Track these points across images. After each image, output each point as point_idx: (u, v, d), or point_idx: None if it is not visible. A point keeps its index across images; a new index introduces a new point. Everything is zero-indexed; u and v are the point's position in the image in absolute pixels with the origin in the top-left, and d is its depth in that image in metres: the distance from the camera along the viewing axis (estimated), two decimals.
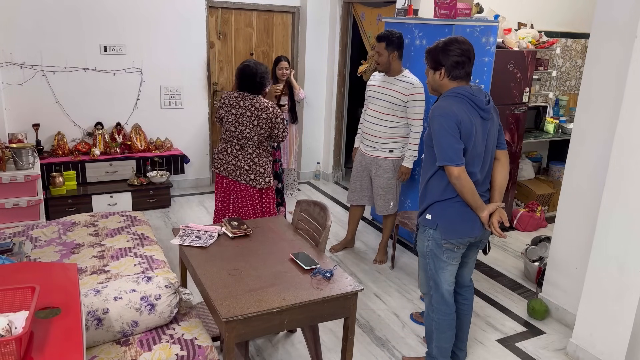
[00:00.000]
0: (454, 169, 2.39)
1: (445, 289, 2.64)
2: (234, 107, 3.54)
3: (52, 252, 3.08)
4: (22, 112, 4.89)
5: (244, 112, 3.50)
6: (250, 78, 3.51)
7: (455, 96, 2.44)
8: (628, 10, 2.86)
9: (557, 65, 5.63)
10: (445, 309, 2.67)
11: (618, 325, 2.79)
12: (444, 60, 2.46)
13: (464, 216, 2.52)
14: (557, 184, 5.25)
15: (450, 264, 2.60)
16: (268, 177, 3.66)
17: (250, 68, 3.52)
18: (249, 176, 3.60)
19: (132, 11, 5.13)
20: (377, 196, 4.02)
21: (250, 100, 3.51)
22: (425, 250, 2.63)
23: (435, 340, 2.74)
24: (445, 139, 2.39)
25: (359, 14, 5.78)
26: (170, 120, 5.57)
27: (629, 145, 2.68)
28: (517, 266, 4.25)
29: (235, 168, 3.60)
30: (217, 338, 2.77)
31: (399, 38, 3.69)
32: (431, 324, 2.74)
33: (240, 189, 3.65)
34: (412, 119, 3.73)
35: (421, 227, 2.65)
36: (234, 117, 3.54)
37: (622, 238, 2.73)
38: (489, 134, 2.51)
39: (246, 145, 3.56)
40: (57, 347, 1.52)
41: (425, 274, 2.70)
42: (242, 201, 3.67)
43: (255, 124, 3.50)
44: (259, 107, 3.49)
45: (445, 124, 2.38)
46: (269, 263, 2.48)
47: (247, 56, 5.91)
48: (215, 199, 3.79)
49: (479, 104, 2.44)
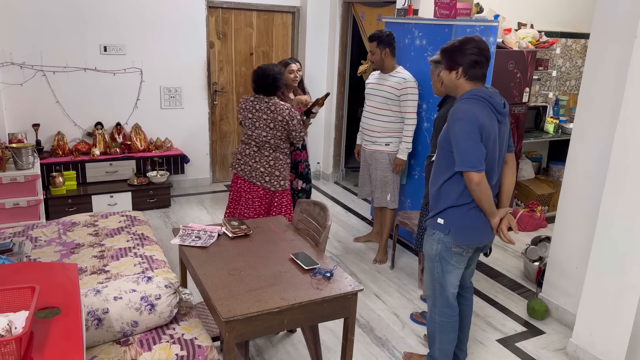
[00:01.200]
0: (475, 175, 2.29)
1: (450, 292, 2.62)
2: (250, 111, 3.60)
3: (52, 252, 3.08)
4: (22, 112, 4.89)
5: (261, 116, 3.55)
6: (263, 79, 3.57)
7: (475, 99, 2.35)
8: (628, 10, 2.86)
9: (557, 65, 5.63)
10: (449, 312, 2.65)
11: (618, 325, 2.79)
12: (461, 59, 2.38)
13: (477, 222, 2.46)
14: (557, 184, 5.25)
15: (458, 268, 2.57)
16: (283, 180, 3.69)
17: (263, 70, 3.59)
18: (264, 178, 3.65)
19: (133, 11, 5.13)
20: (375, 189, 4.17)
21: (266, 103, 3.55)
22: (433, 254, 2.58)
23: (438, 342, 2.72)
24: (467, 144, 2.29)
25: (359, 14, 5.78)
26: (170, 120, 5.57)
27: (629, 145, 2.68)
28: (517, 266, 4.26)
29: (251, 169, 3.67)
30: (217, 338, 2.76)
31: (389, 36, 3.86)
32: (434, 326, 2.72)
33: (253, 189, 3.70)
34: (405, 112, 3.88)
35: (429, 230, 2.60)
36: (251, 121, 3.59)
37: (622, 238, 2.73)
38: (503, 136, 2.46)
39: (263, 148, 3.62)
40: (57, 347, 1.52)
41: (430, 277, 2.66)
42: (252, 202, 3.72)
43: (272, 126, 3.54)
44: (274, 110, 3.53)
45: (468, 128, 2.29)
46: (269, 263, 2.48)
47: (247, 56, 5.92)
48: (228, 197, 3.86)
49: (497, 108, 2.37)
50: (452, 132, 2.36)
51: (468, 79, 2.40)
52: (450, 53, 2.44)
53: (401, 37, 4.22)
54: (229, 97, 5.95)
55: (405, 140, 3.93)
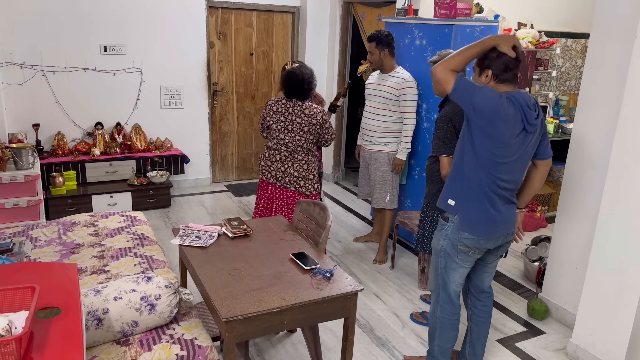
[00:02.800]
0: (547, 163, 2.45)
1: (453, 289, 2.62)
2: (282, 115, 3.51)
3: (52, 252, 3.07)
4: (22, 112, 4.89)
5: (294, 119, 3.48)
6: (298, 84, 3.47)
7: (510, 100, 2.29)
8: (628, 10, 2.86)
9: (557, 65, 5.62)
10: (451, 309, 2.65)
11: (618, 325, 2.79)
12: (492, 62, 2.34)
13: (487, 214, 2.43)
14: (557, 184, 5.25)
15: (462, 267, 2.56)
16: (316, 183, 3.66)
17: (297, 75, 3.47)
18: (299, 183, 3.58)
19: (133, 11, 5.13)
20: (374, 189, 4.15)
21: (299, 107, 3.49)
22: (439, 249, 2.59)
23: (437, 338, 2.73)
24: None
25: (359, 14, 5.78)
26: (170, 120, 5.57)
27: (629, 145, 2.68)
28: (517, 266, 4.26)
29: (284, 175, 3.58)
30: (217, 338, 2.77)
31: (387, 36, 3.87)
32: (435, 322, 2.73)
33: (287, 195, 3.61)
34: (404, 112, 3.89)
35: (440, 225, 2.60)
36: (283, 124, 3.51)
37: (622, 238, 2.73)
38: (529, 144, 2.40)
39: (295, 152, 3.54)
40: (57, 347, 1.52)
41: (435, 271, 2.68)
42: (287, 208, 3.62)
43: (306, 130, 3.48)
44: (309, 114, 3.47)
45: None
46: (269, 263, 2.48)
47: (247, 56, 5.92)
48: (256, 202, 3.76)
49: (529, 119, 2.31)
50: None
51: (499, 81, 2.36)
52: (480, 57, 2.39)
53: (401, 37, 4.22)
54: (229, 97, 5.95)
55: (405, 140, 3.94)
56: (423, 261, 3.76)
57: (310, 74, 3.53)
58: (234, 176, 6.25)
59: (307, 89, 3.50)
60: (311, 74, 3.53)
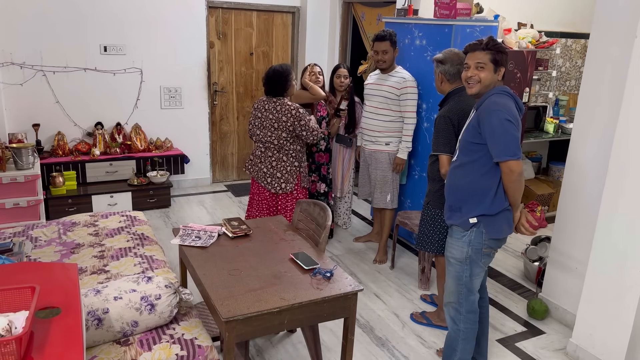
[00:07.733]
0: (517, 164, 2.34)
1: (475, 295, 2.62)
2: (260, 111, 3.61)
3: (52, 252, 3.08)
4: (22, 112, 4.89)
5: (267, 116, 3.55)
6: (270, 81, 3.55)
7: (508, 95, 2.44)
8: (628, 10, 2.86)
9: (557, 65, 5.63)
10: (474, 318, 2.64)
11: (618, 325, 2.79)
12: (505, 62, 2.49)
13: (506, 215, 2.50)
14: (557, 184, 5.25)
15: (483, 270, 2.59)
16: (285, 183, 3.63)
17: (272, 70, 3.56)
18: (266, 179, 3.65)
19: (133, 11, 5.13)
20: (375, 189, 4.15)
21: (273, 104, 3.55)
22: (463, 257, 2.54)
23: (460, 352, 2.67)
24: (510, 133, 2.34)
25: (359, 14, 5.79)
26: (170, 120, 5.57)
27: (629, 145, 2.67)
28: (517, 266, 4.26)
29: (258, 170, 3.69)
30: (217, 338, 2.77)
31: (395, 35, 3.91)
32: (458, 335, 2.67)
33: (261, 191, 3.72)
34: (405, 111, 3.90)
35: (458, 233, 2.55)
36: (259, 120, 3.60)
37: (622, 238, 2.73)
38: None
39: (268, 149, 3.61)
40: (57, 347, 1.52)
41: (456, 282, 2.60)
42: (260, 203, 3.74)
43: (276, 126, 3.52)
44: (280, 110, 3.51)
45: (511, 118, 2.35)
46: (269, 263, 2.48)
47: (247, 56, 5.92)
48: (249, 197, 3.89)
49: (520, 107, 2.47)
50: (488, 124, 2.37)
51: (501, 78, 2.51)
52: (502, 54, 2.49)
53: (401, 37, 4.22)
54: (229, 97, 5.95)
55: (405, 140, 3.94)
56: (423, 261, 3.76)
57: (282, 70, 3.54)
58: (234, 176, 6.26)
59: (280, 85, 3.54)
60: (284, 71, 3.55)
